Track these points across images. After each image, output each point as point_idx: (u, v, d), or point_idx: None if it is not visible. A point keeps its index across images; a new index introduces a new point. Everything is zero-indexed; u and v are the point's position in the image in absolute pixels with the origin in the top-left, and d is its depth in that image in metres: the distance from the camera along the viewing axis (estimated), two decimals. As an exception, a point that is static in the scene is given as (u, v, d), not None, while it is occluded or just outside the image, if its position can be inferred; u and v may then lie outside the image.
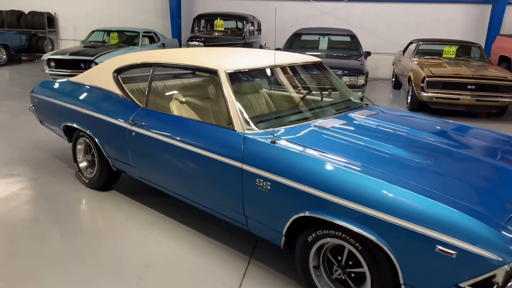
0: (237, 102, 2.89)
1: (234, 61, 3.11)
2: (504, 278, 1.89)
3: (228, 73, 3.00)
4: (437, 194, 2.08)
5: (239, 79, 3.14)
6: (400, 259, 2.09)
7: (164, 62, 3.45)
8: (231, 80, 2.99)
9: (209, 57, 3.26)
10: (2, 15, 14.59)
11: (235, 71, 3.05)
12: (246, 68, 3.14)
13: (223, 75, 2.99)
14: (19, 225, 3.43)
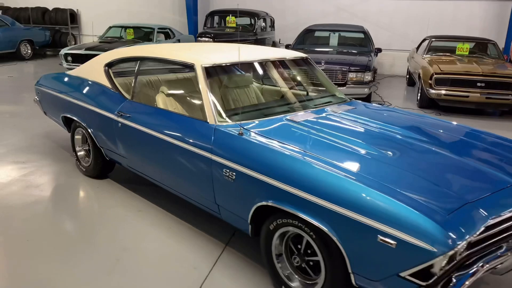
0: (211, 95, 3.00)
1: (211, 56, 3.21)
2: (441, 269, 1.93)
3: (205, 67, 3.11)
4: (384, 186, 2.13)
5: (217, 73, 3.23)
6: (347, 248, 2.15)
7: (148, 56, 3.59)
8: (208, 74, 3.10)
9: (188, 52, 3.37)
10: (28, 11, 15.13)
11: (212, 66, 3.15)
12: (223, 63, 3.24)
13: (199, 69, 3.09)
14: (14, 208, 3.63)
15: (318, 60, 7.91)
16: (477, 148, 2.86)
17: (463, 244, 1.93)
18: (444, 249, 1.85)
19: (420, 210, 1.96)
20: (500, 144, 2.99)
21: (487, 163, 2.56)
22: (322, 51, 8.95)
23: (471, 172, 2.46)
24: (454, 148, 2.78)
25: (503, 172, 2.48)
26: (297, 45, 9.57)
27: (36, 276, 2.77)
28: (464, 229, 1.95)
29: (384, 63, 13.26)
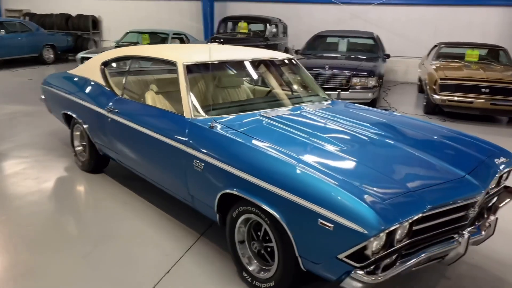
0: (189, 91, 3.17)
1: (193, 55, 3.39)
2: (374, 252, 2.04)
3: (186, 65, 3.29)
4: (329, 174, 2.25)
5: (197, 70, 3.41)
6: (293, 232, 2.27)
7: (137, 55, 3.81)
8: (189, 71, 3.28)
9: (173, 51, 3.56)
10: (53, 17, 15.78)
11: (193, 63, 3.33)
12: (204, 61, 3.42)
13: (180, 66, 3.28)
14: (10, 197, 3.89)
15: (322, 65, 8.04)
16: (437, 144, 2.94)
17: (394, 228, 2.02)
18: (374, 231, 1.95)
19: (356, 196, 2.08)
20: (465, 141, 3.05)
21: (441, 158, 2.63)
22: (329, 56, 9.06)
23: (422, 165, 2.55)
24: (414, 143, 2.86)
25: (456, 166, 2.55)
26: (306, 50, 9.71)
27: (18, 256, 2.98)
28: (398, 215, 2.04)
29: (398, 69, 13.21)
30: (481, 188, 2.43)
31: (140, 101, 3.65)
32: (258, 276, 2.61)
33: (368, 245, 2.01)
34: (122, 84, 3.87)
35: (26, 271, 2.81)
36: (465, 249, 2.36)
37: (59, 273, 2.81)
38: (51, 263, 2.91)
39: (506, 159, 2.91)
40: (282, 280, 2.47)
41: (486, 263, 3.11)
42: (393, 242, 2.13)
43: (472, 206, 2.45)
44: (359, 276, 2.02)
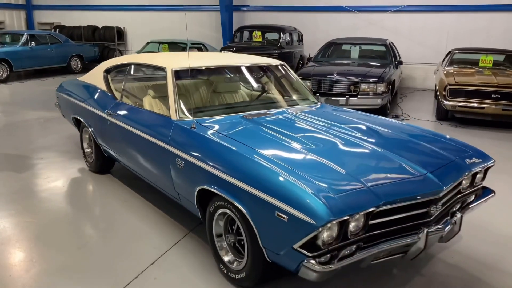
0: (176, 94, 3.39)
1: (182, 61, 3.62)
2: (324, 242, 2.17)
3: (174, 71, 3.52)
4: (289, 170, 2.40)
5: (186, 75, 3.62)
6: (256, 224, 2.43)
7: (134, 62, 4.08)
8: (177, 76, 3.51)
9: (165, 58, 3.80)
10: (81, 29, 16.50)
11: (181, 69, 3.56)
12: (192, 67, 3.64)
13: (169, 71, 3.51)
14: (18, 193, 4.20)
15: (330, 72, 8.16)
16: (409, 145, 3.04)
17: (345, 220, 2.15)
18: (322, 222, 2.09)
19: (309, 189, 2.22)
20: (440, 142, 3.14)
21: (408, 157, 2.74)
22: (340, 63, 9.16)
23: (385, 163, 2.67)
24: (385, 143, 2.97)
25: (420, 165, 2.65)
26: (319, 57, 9.85)
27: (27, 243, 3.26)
28: (347, 207, 2.17)
29: (417, 76, 13.12)
30: (442, 187, 2.52)
31: (136, 105, 3.90)
32: (232, 267, 2.78)
33: (318, 235, 2.15)
34: (121, 90, 4.14)
35: (32, 257, 3.08)
36: (424, 244, 2.45)
37: (56, 261, 3.05)
38: (50, 253, 3.16)
39: (478, 159, 2.98)
40: (252, 271, 2.62)
41: (466, 262, 3.16)
42: (347, 234, 2.26)
43: (434, 204, 2.54)
44: (311, 265, 2.16)
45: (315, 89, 8.16)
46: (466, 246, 3.38)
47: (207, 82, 4.01)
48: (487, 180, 3.12)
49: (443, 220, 2.68)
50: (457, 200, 2.92)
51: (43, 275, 2.89)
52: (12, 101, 9.70)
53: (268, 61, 4.25)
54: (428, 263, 3.13)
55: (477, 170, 2.93)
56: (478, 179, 3.09)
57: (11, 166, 5.01)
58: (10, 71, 12.18)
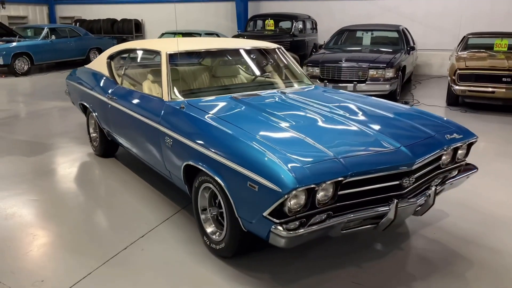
0: (169, 76, 3.52)
1: (174, 46, 3.74)
2: (290, 209, 2.27)
3: (169, 54, 3.65)
4: (264, 143, 2.50)
5: (180, 58, 3.74)
6: (232, 195, 2.55)
7: (133, 48, 4.24)
8: (171, 59, 3.63)
9: (161, 43, 3.93)
10: (100, 23, 16.89)
11: (175, 52, 3.69)
12: (185, 50, 3.76)
13: (164, 55, 3.64)
14: (26, 173, 4.44)
15: (339, 59, 8.16)
16: (389, 121, 3.10)
17: (310, 188, 2.24)
18: (287, 190, 2.19)
19: (278, 159, 2.32)
20: (422, 119, 3.18)
21: (385, 132, 2.80)
22: (350, 50, 9.13)
23: (360, 137, 2.75)
24: (365, 120, 3.03)
25: (395, 138, 2.71)
26: (330, 45, 9.84)
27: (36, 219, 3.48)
28: (313, 177, 2.26)
29: (433, 63, 12.91)
30: (413, 159, 2.57)
31: (135, 89, 4.05)
32: (214, 238, 2.91)
33: (285, 203, 2.25)
34: (121, 75, 4.31)
35: (33, 230, 3.29)
36: (394, 215, 2.51)
37: (54, 234, 3.26)
38: (50, 227, 3.37)
39: (459, 135, 3.01)
40: (230, 241, 2.74)
41: (446, 238, 3.20)
42: (315, 203, 2.35)
43: (407, 176, 2.60)
44: (278, 231, 2.26)
45: (324, 76, 8.19)
46: (450, 223, 3.42)
47: (202, 65, 4.13)
48: (491, 162, 3.14)
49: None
50: (437, 175, 2.96)
51: (41, 246, 3.09)
52: (31, 92, 10.09)
53: (264, 44, 4.33)
54: (409, 238, 3.19)
55: (457, 146, 2.96)
56: (461, 155, 3.11)
57: (22, 151, 5.27)
58: (31, 64, 12.60)
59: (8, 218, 3.51)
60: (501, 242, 3.14)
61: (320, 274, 2.74)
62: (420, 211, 2.78)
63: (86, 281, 2.66)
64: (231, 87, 3.92)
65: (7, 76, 12.24)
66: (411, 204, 2.59)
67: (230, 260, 2.86)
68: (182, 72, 3.96)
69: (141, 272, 2.77)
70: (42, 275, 2.73)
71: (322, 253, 2.98)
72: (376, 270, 2.79)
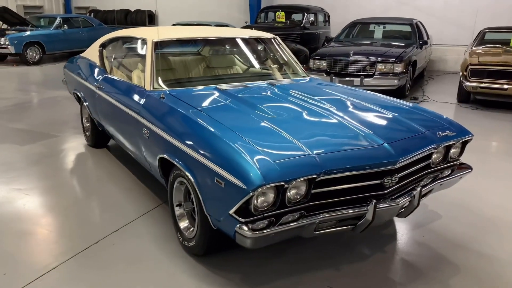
0: (153, 65, 3.39)
1: (162, 34, 3.61)
2: (256, 207, 2.12)
3: (155, 42, 3.52)
4: (236, 137, 2.34)
5: (165, 47, 3.61)
6: (201, 191, 2.41)
7: (121, 36, 4.13)
8: (156, 47, 3.50)
9: (148, 31, 3.80)
10: (114, 13, 16.89)
11: (161, 40, 3.55)
12: (172, 38, 3.63)
13: (149, 43, 3.52)
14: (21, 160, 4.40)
15: (347, 52, 7.92)
16: (377, 116, 2.91)
17: (279, 186, 2.09)
18: (252, 187, 2.04)
19: (246, 155, 2.17)
20: (414, 115, 2.99)
21: (370, 127, 2.61)
22: (360, 43, 8.88)
23: (342, 132, 2.58)
24: (352, 114, 2.85)
25: (379, 135, 2.52)
26: (340, 38, 9.59)
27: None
28: (284, 173, 2.10)
29: (449, 59, 12.51)
30: (396, 158, 2.39)
31: (122, 78, 3.93)
32: (186, 235, 2.78)
33: (250, 201, 2.10)
34: (111, 63, 4.20)
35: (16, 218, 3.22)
36: (372, 217, 2.34)
37: (34, 224, 3.18)
38: (32, 217, 3.29)
39: (452, 133, 2.81)
40: (201, 239, 2.61)
41: (435, 241, 3.01)
42: (286, 201, 2.19)
43: (389, 175, 2.42)
44: (242, 230, 2.11)
45: (331, 69, 7.97)
46: (442, 225, 3.22)
47: (192, 55, 4.00)
48: (501, 162, 2.93)
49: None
50: (427, 175, 2.77)
51: (11, 237, 3.01)
52: (39, 81, 10.11)
53: (258, 34, 4.16)
54: (395, 241, 3.01)
55: (449, 144, 2.76)
56: (454, 154, 2.91)
57: (17, 139, 5.23)
58: (43, 53, 12.67)
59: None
60: (490, 247, 2.94)
61: (294, 276, 2.59)
62: (404, 212, 2.61)
63: (50, 275, 2.57)
64: (219, 78, 3.77)
65: (19, 65, 12.33)
66: (392, 205, 2.41)
67: (202, 258, 2.73)
68: (170, 61, 3.82)
69: (107, 268, 2.66)
70: (5, 267, 2.64)
71: (301, 254, 2.82)
72: (354, 274, 2.62)
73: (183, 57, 3.95)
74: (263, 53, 4.18)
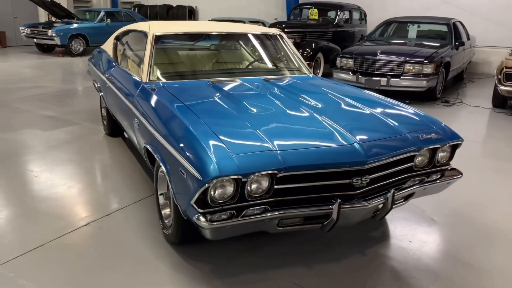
0: (151, 58, 3.49)
1: (164, 28, 3.71)
2: (213, 198, 2.15)
3: (155, 36, 3.62)
4: (205, 131, 2.38)
5: (166, 41, 3.71)
6: (171, 182, 2.47)
7: (129, 29, 4.28)
8: (157, 41, 3.61)
9: (152, 25, 3.91)
10: (156, 8, 17.36)
11: (162, 34, 3.66)
12: (172, 32, 3.72)
13: (150, 36, 3.62)
14: (35, 146, 4.67)
15: (375, 51, 7.74)
16: (360, 115, 2.88)
17: (237, 179, 2.11)
18: (207, 178, 2.07)
19: (209, 147, 2.21)
20: (402, 115, 2.92)
21: (346, 126, 2.57)
22: (391, 42, 8.65)
23: (315, 130, 2.56)
24: (333, 112, 2.83)
25: (354, 134, 2.48)
26: (373, 36, 9.38)
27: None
28: (242, 167, 2.13)
29: (493, 61, 11.85)
30: (365, 159, 2.34)
31: (127, 70, 4.07)
32: (166, 223, 2.86)
33: (206, 192, 2.13)
34: (120, 56, 4.36)
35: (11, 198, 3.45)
36: (337, 216, 2.31)
37: (29, 203, 3.39)
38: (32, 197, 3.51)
39: (437, 136, 2.71)
40: (175, 227, 2.68)
41: (422, 248, 2.91)
42: (246, 194, 2.21)
43: (359, 176, 2.37)
44: (199, 221, 2.16)
45: (357, 68, 7.83)
46: (434, 233, 3.11)
47: (192, 49, 4.07)
48: None
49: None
50: (411, 178, 2.69)
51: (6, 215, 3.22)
52: (79, 72, 10.60)
53: (262, 30, 4.17)
54: (378, 244, 2.94)
55: (434, 147, 2.67)
56: (443, 159, 2.81)
57: (41, 125, 5.55)
58: (86, 45, 13.27)
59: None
60: (476, 258, 2.80)
61: (263, 271, 2.60)
62: (378, 215, 2.55)
63: (33, 253, 2.72)
64: (216, 72, 3.83)
65: (64, 56, 13.00)
66: (360, 206, 2.37)
67: (178, 247, 2.80)
68: (169, 55, 3.92)
69: (87, 250, 2.79)
70: None
71: (278, 250, 2.83)
72: (325, 274, 2.59)
73: (183, 51, 4.04)
74: (266, 49, 4.18)
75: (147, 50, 3.53)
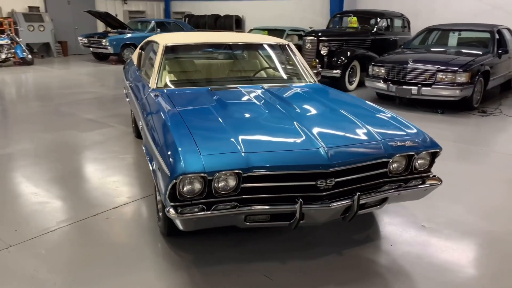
0: (161, 66, 3.82)
1: (174, 39, 4.03)
2: (181, 193, 2.39)
3: (166, 46, 3.96)
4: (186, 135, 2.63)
5: (176, 51, 4.02)
6: (155, 179, 2.75)
7: (150, 40, 4.65)
8: (167, 51, 3.94)
9: (166, 36, 4.26)
10: (205, 18, 18.06)
11: (172, 45, 3.98)
12: (183, 43, 4.03)
13: (161, 46, 3.96)
14: (74, 144, 5.17)
15: (406, 59, 7.66)
16: (338, 121, 3.03)
17: (203, 176, 2.34)
18: (174, 174, 2.32)
19: (182, 148, 2.46)
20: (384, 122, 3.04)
21: (317, 132, 2.73)
22: (427, 50, 8.50)
23: (286, 135, 2.74)
24: (314, 119, 3.00)
25: (323, 139, 2.64)
26: (411, 44, 9.25)
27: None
28: (209, 166, 2.35)
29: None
30: (328, 163, 2.48)
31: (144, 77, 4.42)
32: (159, 216, 3.14)
33: (175, 187, 2.38)
34: (141, 64, 4.76)
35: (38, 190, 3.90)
36: (299, 215, 2.47)
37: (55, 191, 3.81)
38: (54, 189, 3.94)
39: (413, 144, 2.78)
40: (163, 221, 2.96)
41: (401, 251, 2.98)
42: (213, 191, 2.43)
43: (323, 178, 2.51)
44: (169, 213, 2.41)
45: (389, 76, 7.78)
46: (420, 238, 3.15)
47: (201, 59, 4.38)
48: None
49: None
50: (386, 183, 2.78)
51: (36, 202, 3.65)
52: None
53: (269, 40, 4.38)
54: (358, 245, 3.04)
55: (409, 154, 2.74)
56: (421, 166, 2.87)
57: (79, 127, 6.09)
58: (137, 53, 14.10)
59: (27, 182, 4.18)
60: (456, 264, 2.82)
61: (240, 264, 2.80)
62: (347, 217, 2.67)
63: (49, 235, 3.10)
64: (220, 80, 4.10)
65: (117, 64, 13.89)
66: (323, 207, 2.51)
67: (169, 238, 3.06)
68: (179, 64, 4.23)
69: (87, 237, 3.13)
70: (16, 225, 3.26)
71: (259, 247, 3.01)
72: (297, 270, 2.74)
73: (191, 60, 4.34)
74: (270, 58, 4.38)
75: (157, 59, 3.87)
